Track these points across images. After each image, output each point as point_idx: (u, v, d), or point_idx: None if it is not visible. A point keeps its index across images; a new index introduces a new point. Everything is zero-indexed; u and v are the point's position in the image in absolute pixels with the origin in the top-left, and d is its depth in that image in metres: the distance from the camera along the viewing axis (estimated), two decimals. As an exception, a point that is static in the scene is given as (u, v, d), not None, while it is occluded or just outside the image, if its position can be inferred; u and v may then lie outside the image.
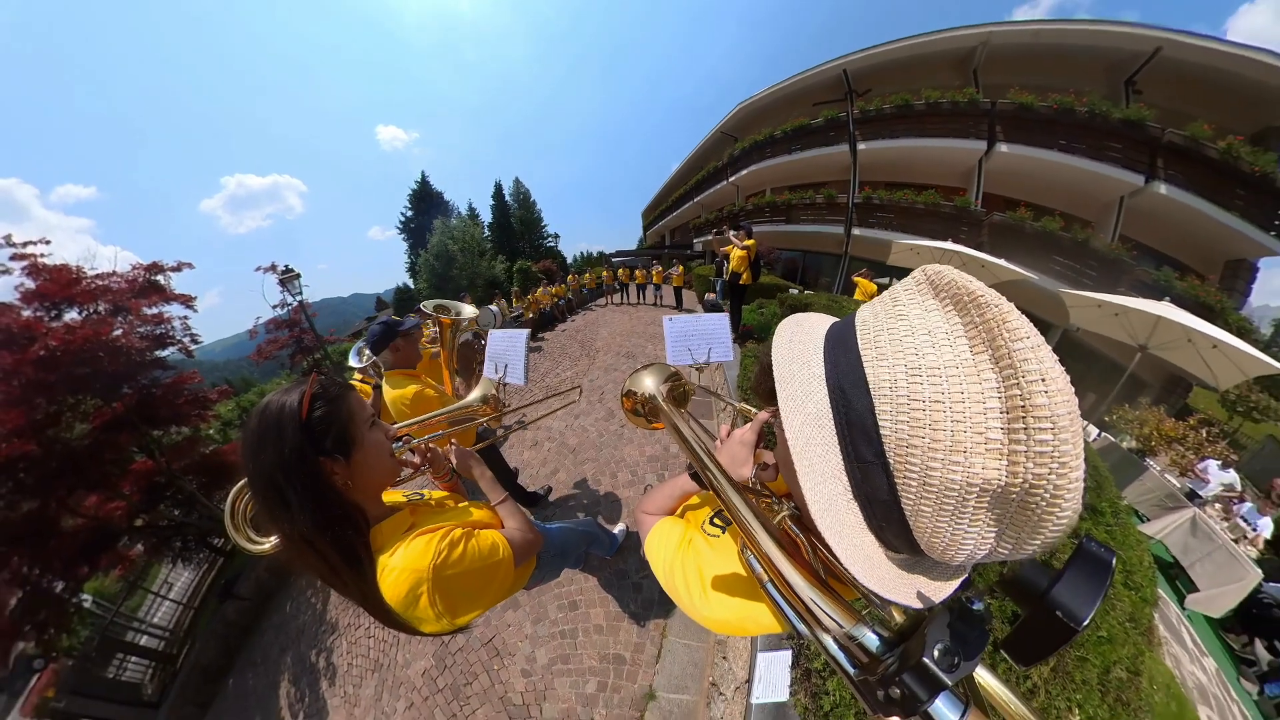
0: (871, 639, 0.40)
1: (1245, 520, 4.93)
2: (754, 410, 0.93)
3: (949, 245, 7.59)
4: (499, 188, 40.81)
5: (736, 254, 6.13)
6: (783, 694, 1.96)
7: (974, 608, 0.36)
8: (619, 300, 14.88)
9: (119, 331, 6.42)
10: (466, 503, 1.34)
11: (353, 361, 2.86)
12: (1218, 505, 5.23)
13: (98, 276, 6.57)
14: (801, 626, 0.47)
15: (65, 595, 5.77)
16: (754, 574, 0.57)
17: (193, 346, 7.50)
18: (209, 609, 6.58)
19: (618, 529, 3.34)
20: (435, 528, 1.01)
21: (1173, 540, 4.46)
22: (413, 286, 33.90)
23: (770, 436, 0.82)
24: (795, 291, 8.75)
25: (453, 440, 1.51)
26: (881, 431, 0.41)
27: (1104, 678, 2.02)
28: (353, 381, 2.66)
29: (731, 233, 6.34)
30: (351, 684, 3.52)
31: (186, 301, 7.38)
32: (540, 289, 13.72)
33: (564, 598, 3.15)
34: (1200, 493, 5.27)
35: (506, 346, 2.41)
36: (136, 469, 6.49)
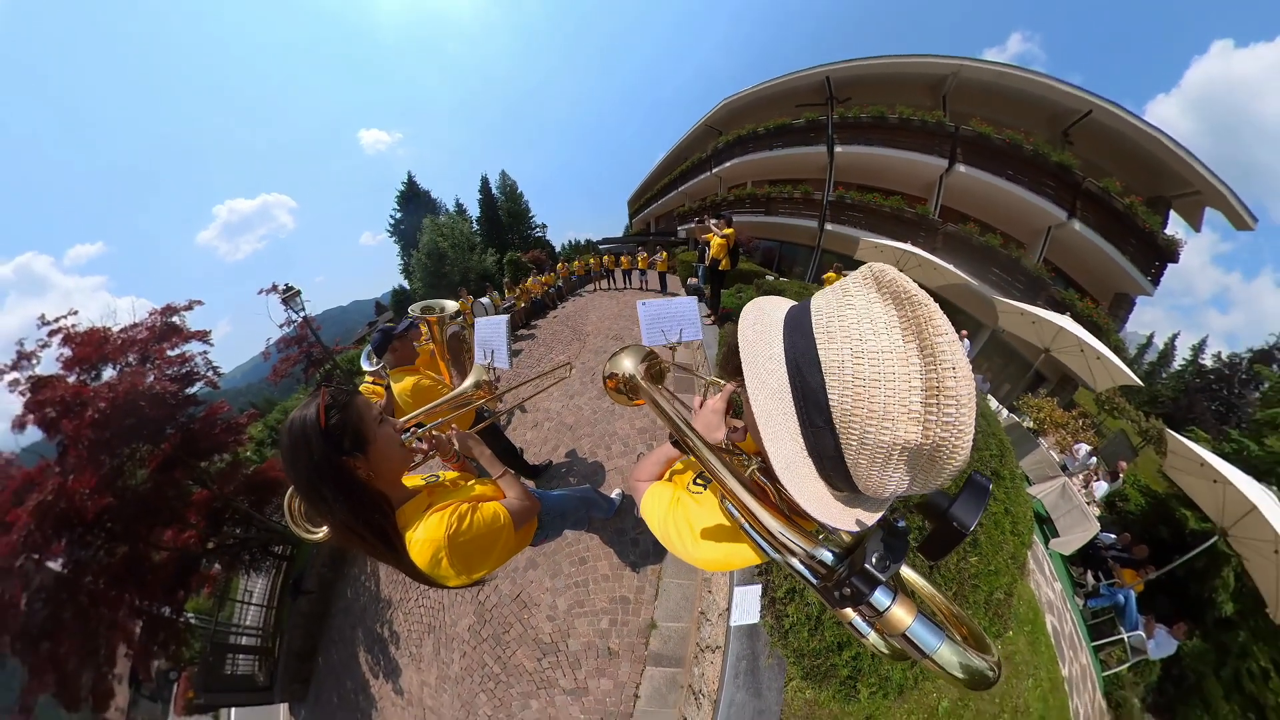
0: (827, 555, 0.49)
1: (1097, 492, 6.99)
2: (722, 382, 1.01)
3: (908, 247, 8.24)
4: (485, 182, 39.86)
5: (717, 242, 6.38)
6: (754, 618, 2.48)
7: (899, 525, 0.46)
8: (607, 286, 15.06)
9: (151, 379, 6.96)
10: (474, 480, 1.51)
11: (365, 365, 3.03)
12: (1080, 477, 7.11)
13: (122, 331, 7.10)
14: (774, 554, 0.57)
15: (174, 617, 6.74)
16: (733, 519, 0.66)
17: (216, 379, 8.02)
18: (286, 606, 7.46)
19: (615, 494, 3.68)
20: (446, 504, 1.18)
21: (1047, 500, 5.87)
22: (408, 287, 33.93)
23: (738, 403, 0.93)
24: (771, 278, 9.18)
25: (453, 425, 1.67)
26: (830, 403, 0.48)
27: (988, 599, 2.67)
28: (365, 384, 2.94)
29: (713, 222, 6.59)
30: (413, 645, 4.19)
31: (203, 337, 7.88)
32: (531, 278, 13.94)
33: (574, 555, 3.68)
34: (1070, 467, 7.06)
35: (491, 334, 2.65)
36: (196, 499, 7.18)
